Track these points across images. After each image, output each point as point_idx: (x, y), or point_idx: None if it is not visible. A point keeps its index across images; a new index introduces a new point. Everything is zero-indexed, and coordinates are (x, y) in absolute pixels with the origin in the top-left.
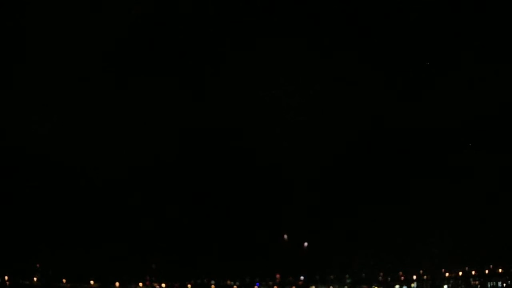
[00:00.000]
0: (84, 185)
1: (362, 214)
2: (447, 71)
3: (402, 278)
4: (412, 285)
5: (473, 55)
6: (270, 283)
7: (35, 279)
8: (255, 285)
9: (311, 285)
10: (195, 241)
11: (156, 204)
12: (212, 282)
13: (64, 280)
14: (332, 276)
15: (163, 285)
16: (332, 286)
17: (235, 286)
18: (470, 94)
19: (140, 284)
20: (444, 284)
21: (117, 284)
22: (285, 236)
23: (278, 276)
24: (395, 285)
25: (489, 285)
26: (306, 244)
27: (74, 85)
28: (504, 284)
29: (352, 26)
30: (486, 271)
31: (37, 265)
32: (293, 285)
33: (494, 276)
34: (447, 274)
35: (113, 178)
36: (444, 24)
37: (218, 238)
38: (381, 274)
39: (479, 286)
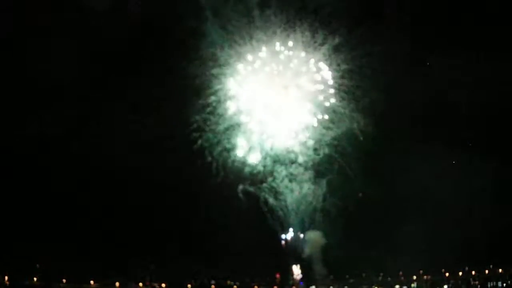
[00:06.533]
0: (84, 186)
1: (363, 214)
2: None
3: (402, 278)
4: (412, 285)
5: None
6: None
7: (35, 279)
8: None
9: (311, 285)
10: (195, 241)
11: (156, 204)
12: (212, 282)
13: (64, 280)
14: (332, 276)
15: (163, 285)
16: (332, 286)
17: (235, 286)
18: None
19: (140, 284)
20: (444, 284)
21: (117, 284)
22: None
23: (278, 276)
24: (395, 285)
25: (489, 285)
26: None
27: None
28: (504, 284)
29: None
30: (486, 271)
31: (37, 265)
32: (293, 285)
33: (494, 276)
34: (447, 274)
35: (113, 179)
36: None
37: (218, 238)
38: (381, 274)
39: (479, 286)
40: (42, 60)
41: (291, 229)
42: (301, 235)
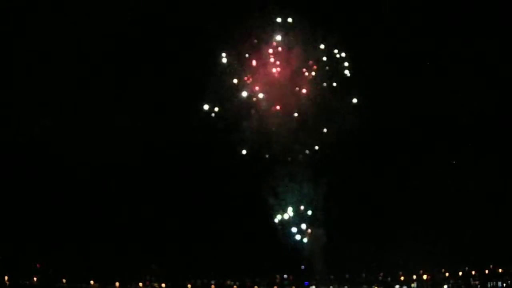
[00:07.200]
0: (84, 184)
1: (362, 214)
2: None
3: (402, 278)
4: (412, 285)
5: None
6: None
7: (35, 279)
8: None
9: (311, 285)
10: (195, 241)
11: (156, 204)
12: (212, 282)
13: (64, 280)
14: (332, 276)
15: (163, 285)
16: (332, 286)
17: (235, 286)
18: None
19: (140, 284)
20: (444, 284)
21: (117, 284)
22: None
23: (278, 276)
24: (395, 285)
25: (489, 285)
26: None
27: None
28: (504, 284)
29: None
30: (486, 271)
31: (37, 265)
32: (293, 285)
33: (494, 276)
34: (447, 274)
35: (113, 177)
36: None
37: (217, 238)
38: (381, 274)
39: (479, 286)
40: (38, 60)
41: (290, 208)
42: (308, 212)
